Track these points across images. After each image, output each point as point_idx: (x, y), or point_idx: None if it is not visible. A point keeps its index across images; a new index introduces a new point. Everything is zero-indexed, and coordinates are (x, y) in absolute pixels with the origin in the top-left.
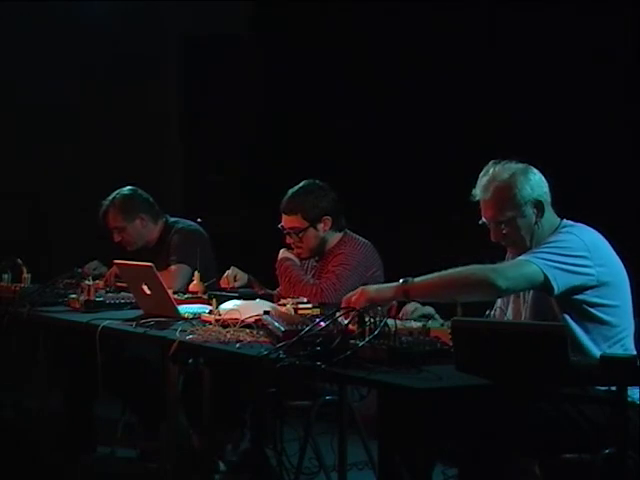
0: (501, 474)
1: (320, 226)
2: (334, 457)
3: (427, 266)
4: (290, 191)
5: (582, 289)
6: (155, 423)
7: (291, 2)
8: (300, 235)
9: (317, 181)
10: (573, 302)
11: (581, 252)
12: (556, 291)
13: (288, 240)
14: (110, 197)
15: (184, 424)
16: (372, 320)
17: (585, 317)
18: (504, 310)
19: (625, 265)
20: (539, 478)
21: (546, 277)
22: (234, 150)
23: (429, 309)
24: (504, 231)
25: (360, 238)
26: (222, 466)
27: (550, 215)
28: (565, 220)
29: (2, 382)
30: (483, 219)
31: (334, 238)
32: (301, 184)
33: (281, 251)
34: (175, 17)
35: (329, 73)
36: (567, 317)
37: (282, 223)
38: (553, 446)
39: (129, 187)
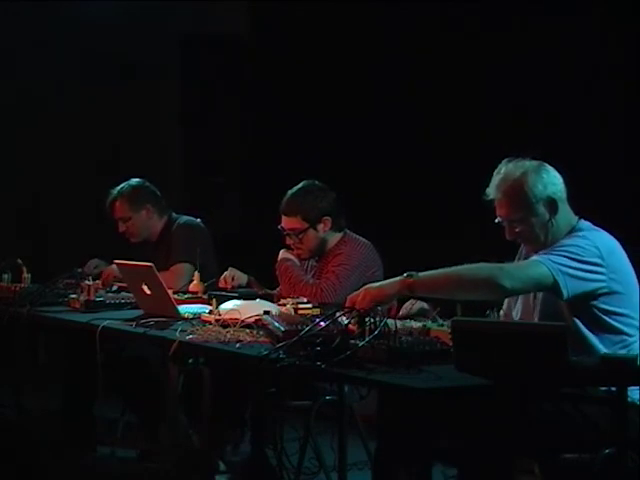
0: (500, 474)
1: (320, 227)
2: (334, 457)
3: (426, 266)
4: (289, 192)
5: (593, 296)
6: (155, 423)
7: (291, 2)
8: (300, 236)
9: (316, 182)
10: (584, 307)
11: (594, 259)
12: (565, 297)
13: (288, 241)
14: (118, 187)
15: (184, 424)
16: (372, 320)
17: (595, 322)
18: (510, 314)
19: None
20: (539, 478)
21: (556, 281)
22: (234, 150)
23: (422, 304)
24: (517, 229)
25: (360, 238)
26: (222, 466)
27: (566, 213)
28: (582, 221)
29: (2, 382)
30: (497, 218)
31: (334, 238)
32: (300, 185)
33: (281, 252)
34: (175, 17)
35: (329, 73)
36: (577, 321)
37: (282, 224)
38: (553, 446)
39: (137, 179)
